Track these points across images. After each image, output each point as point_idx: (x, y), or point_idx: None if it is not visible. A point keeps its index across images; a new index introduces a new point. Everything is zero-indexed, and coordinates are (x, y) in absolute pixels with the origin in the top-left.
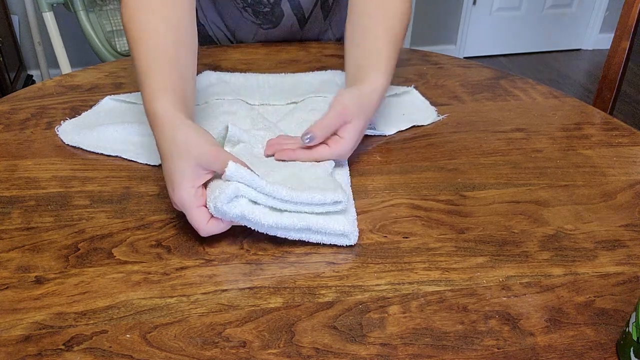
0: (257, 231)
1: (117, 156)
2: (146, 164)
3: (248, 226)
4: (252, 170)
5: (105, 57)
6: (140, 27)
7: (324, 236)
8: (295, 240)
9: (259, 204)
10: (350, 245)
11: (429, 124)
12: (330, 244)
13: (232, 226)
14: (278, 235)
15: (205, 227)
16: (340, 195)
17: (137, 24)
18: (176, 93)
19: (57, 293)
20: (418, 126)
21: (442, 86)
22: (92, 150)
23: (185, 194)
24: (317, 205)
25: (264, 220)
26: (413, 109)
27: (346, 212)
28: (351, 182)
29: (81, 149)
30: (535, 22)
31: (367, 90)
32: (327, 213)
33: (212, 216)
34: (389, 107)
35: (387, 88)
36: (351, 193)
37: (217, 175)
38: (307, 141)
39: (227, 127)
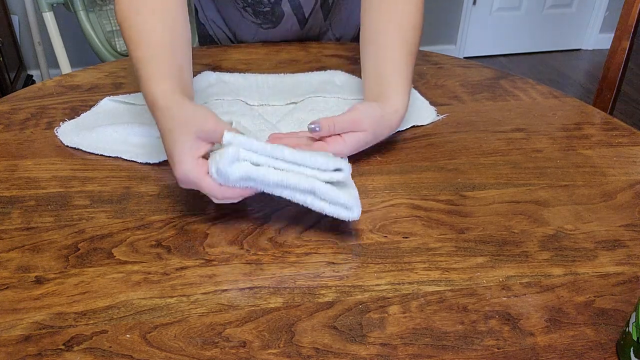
0: (256, 231)
1: (116, 157)
2: (146, 163)
3: (254, 187)
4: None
5: (105, 57)
6: (138, 27)
7: (327, 205)
8: (295, 239)
9: (261, 165)
10: (350, 245)
11: (428, 124)
12: (329, 245)
13: (232, 225)
14: (283, 197)
15: (220, 190)
16: (342, 163)
17: (133, 22)
18: (174, 79)
19: (57, 293)
20: (418, 126)
21: (442, 86)
22: (91, 151)
23: (189, 166)
24: (320, 171)
25: (269, 177)
26: (412, 109)
27: (349, 188)
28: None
29: (81, 149)
30: (535, 22)
31: (389, 110)
32: (331, 183)
33: None
34: None
35: (407, 109)
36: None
37: (218, 147)
38: (312, 128)
39: (232, 122)
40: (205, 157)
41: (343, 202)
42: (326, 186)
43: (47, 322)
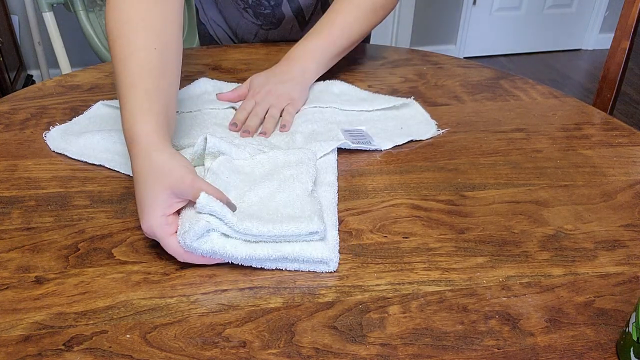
0: None
1: (100, 165)
2: (127, 175)
3: (222, 259)
4: (225, 203)
5: (105, 57)
6: (129, 40)
7: (301, 264)
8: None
9: (230, 237)
10: (350, 245)
11: (427, 139)
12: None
13: None
14: (253, 266)
15: (183, 254)
16: (315, 225)
17: (124, 36)
18: (160, 115)
19: (57, 293)
20: (416, 140)
21: (442, 86)
22: (76, 158)
23: (155, 222)
24: (292, 236)
25: (236, 254)
26: (412, 123)
27: (325, 238)
28: (351, 182)
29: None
30: (535, 22)
31: (282, 66)
32: (303, 241)
33: None
34: (387, 120)
35: (308, 67)
36: (336, 215)
37: (191, 204)
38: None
39: (206, 138)
40: (177, 213)
41: (318, 259)
42: (297, 248)
43: (47, 322)
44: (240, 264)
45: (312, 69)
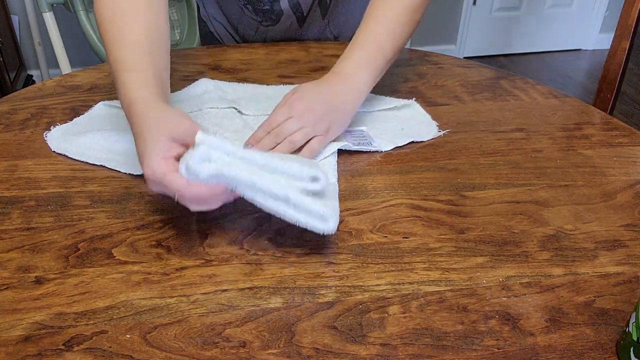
0: (256, 231)
1: (101, 165)
2: (127, 175)
3: (225, 184)
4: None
5: (105, 57)
6: (119, 26)
7: (301, 214)
8: (295, 239)
9: (233, 167)
10: (350, 245)
11: (428, 140)
12: (329, 245)
13: (232, 225)
14: (256, 201)
15: (188, 187)
16: (319, 172)
17: (115, 21)
18: (155, 86)
19: (57, 293)
20: (417, 142)
21: (442, 86)
22: (77, 158)
23: (156, 164)
24: (294, 179)
25: (240, 176)
26: (413, 123)
27: (327, 198)
28: (351, 182)
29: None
30: (535, 22)
31: (333, 82)
32: (306, 192)
33: None
34: (388, 121)
35: (362, 83)
36: (336, 186)
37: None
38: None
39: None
40: (177, 158)
41: (318, 212)
42: (300, 194)
43: (47, 322)
44: (242, 194)
45: (365, 90)
